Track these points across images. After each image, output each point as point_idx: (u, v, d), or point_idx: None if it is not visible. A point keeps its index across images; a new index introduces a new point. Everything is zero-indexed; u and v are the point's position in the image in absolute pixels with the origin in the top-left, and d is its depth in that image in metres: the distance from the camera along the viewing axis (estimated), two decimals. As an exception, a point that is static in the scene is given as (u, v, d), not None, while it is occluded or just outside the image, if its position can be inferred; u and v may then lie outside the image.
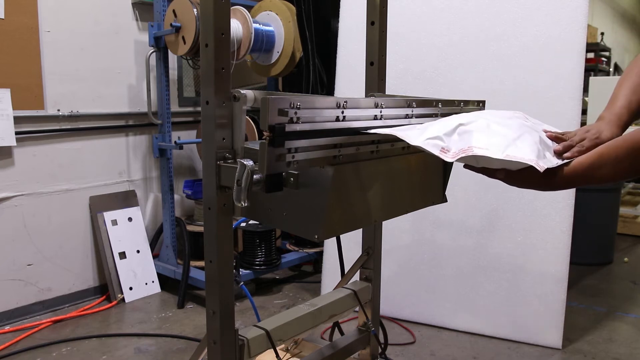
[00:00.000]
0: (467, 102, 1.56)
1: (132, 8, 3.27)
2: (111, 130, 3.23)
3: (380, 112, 1.27)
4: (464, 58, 2.69)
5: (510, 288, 2.63)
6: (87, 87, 3.09)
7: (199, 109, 2.99)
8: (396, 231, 2.81)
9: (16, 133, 2.75)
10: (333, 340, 1.92)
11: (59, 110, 2.97)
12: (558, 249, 2.54)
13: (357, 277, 1.98)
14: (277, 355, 1.50)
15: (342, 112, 1.16)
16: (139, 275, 3.20)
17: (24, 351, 2.50)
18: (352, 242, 2.15)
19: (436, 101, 1.44)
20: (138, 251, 3.24)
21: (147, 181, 3.45)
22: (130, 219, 3.26)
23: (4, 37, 2.72)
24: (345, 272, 1.94)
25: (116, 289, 3.10)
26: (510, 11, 2.60)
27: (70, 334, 2.69)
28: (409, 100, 1.36)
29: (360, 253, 1.94)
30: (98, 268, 3.19)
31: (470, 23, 2.68)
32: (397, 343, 2.59)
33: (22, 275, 2.88)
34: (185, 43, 2.90)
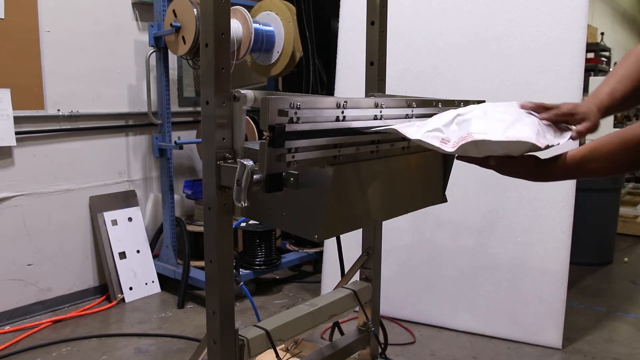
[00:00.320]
0: (467, 102, 1.56)
1: (132, 8, 3.27)
2: (111, 130, 3.23)
3: (380, 112, 1.27)
4: (464, 58, 2.69)
5: (510, 288, 2.63)
6: (87, 87, 3.09)
7: (199, 109, 2.99)
8: (396, 231, 2.80)
9: (16, 133, 2.75)
10: (333, 340, 1.92)
11: (59, 110, 2.97)
12: (558, 249, 2.54)
13: (357, 277, 1.98)
14: (277, 355, 1.50)
15: (342, 112, 1.16)
16: (139, 275, 3.20)
17: (24, 351, 2.50)
18: (352, 242, 2.14)
19: (436, 101, 1.44)
20: (138, 251, 3.24)
21: (147, 181, 3.45)
22: (130, 219, 3.26)
23: (4, 37, 2.72)
24: (345, 272, 1.95)
25: (116, 289, 3.10)
26: (510, 11, 2.60)
27: (70, 334, 2.69)
28: (409, 100, 1.36)
29: (360, 253, 1.94)
30: (98, 268, 3.19)
31: (470, 23, 2.68)
32: (397, 343, 2.59)
33: (22, 275, 2.88)
34: (185, 43, 2.90)
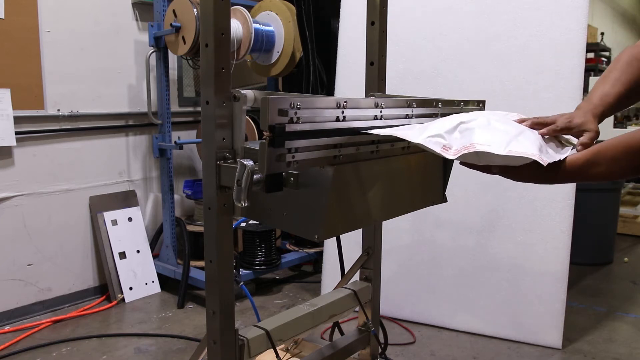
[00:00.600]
0: (467, 102, 1.56)
1: (132, 8, 3.27)
2: (111, 130, 3.23)
3: (380, 112, 1.27)
4: (464, 58, 2.69)
5: (510, 288, 2.63)
6: (87, 87, 3.09)
7: (199, 109, 2.99)
8: (396, 231, 2.80)
9: (16, 133, 2.75)
10: (333, 340, 1.92)
11: (59, 110, 2.97)
12: (558, 249, 2.54)
13: (357, 277, 1.98)
14: (277, 355, 1.50)
15: (342, 112, 1.16)
16: (139, 275, 3.20)
17: (24, 351, 2.50)
18: (352, 242, 2.14)
19: (436, 101, 1.44)
20: (138, 251, 3.24)
21: (147, 181, 3.45)
22: (130, 219, 3.26)
23: (4, 37, 2.72)
24: (345, 272, 1.94)
25: (116, 289, 3.10)
26: (510, 11, 2.60)
27: (70, 334, 2.69)
28: (409, 100, 1.36)
29: (360, 253, 1.94)
30: (98, 268, 3.19)
31: (470, 23, 2.68)
32: (397, 343, 2.59)
33: (22, 275, 2.88)
34: (185, 43, 2.90)
